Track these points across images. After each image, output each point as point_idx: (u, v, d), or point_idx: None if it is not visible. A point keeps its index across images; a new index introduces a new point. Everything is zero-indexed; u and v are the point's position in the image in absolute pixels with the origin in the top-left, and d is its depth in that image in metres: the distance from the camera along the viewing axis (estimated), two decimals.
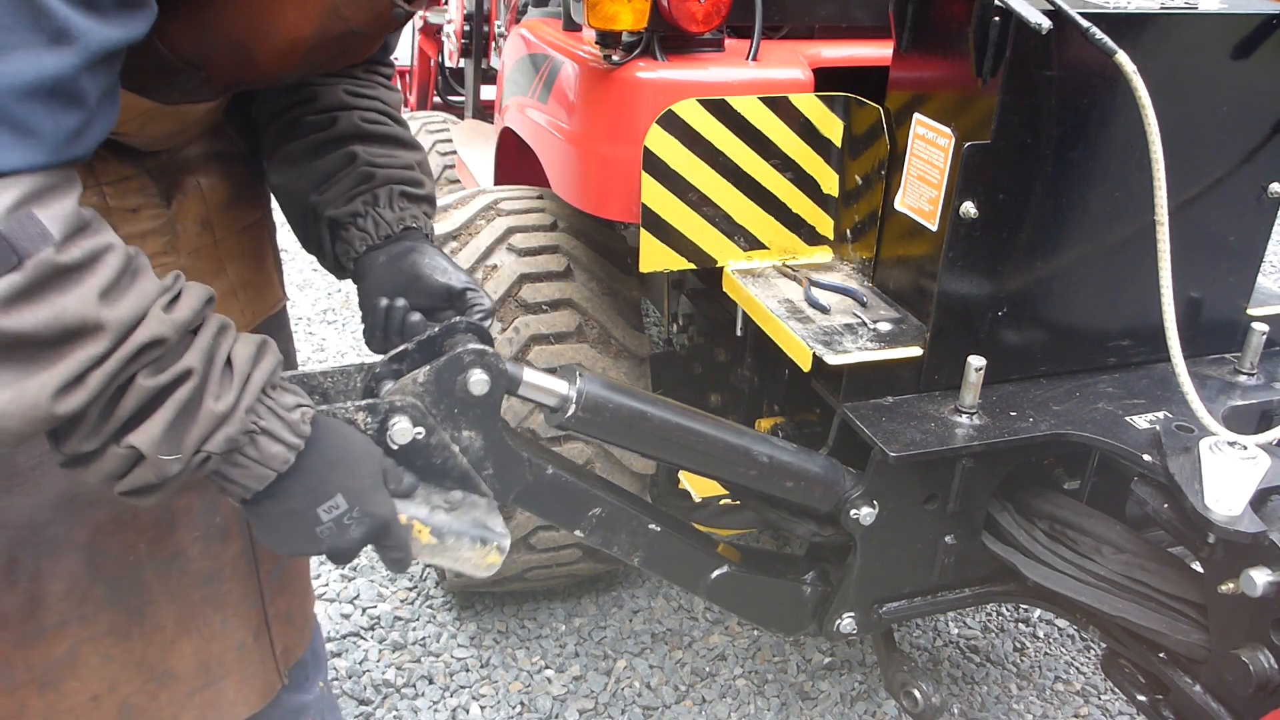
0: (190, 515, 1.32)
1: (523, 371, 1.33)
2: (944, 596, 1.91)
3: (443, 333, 1.32)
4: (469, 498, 1.27)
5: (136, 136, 1.18)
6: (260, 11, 1.03)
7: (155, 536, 1.29)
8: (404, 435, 1.21)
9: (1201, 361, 1.96)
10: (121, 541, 1.26)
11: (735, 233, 2.04)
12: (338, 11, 1.07)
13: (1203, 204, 1.83)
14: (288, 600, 1.53)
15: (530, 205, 2.41)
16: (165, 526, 1.30)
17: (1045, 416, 1.74)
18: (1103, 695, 2.53)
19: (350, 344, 3.97)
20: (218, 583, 1.38)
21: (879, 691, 2.48)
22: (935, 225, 1.73)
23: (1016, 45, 1.57)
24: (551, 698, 2.41)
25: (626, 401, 1.45)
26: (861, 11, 2.27)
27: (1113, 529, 1.74)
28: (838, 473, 1.70)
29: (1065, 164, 1.70)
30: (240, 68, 1.10)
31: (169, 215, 1.25)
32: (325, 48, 1.12)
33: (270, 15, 1.04)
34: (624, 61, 1.99)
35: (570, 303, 2.23)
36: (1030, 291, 1.80)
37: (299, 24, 1.06)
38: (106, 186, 1.17)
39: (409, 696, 2.40)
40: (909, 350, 1.77)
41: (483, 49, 4.00)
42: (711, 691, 2.46)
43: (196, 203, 1.29)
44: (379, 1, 1.11)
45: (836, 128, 2.00)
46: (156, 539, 1.29)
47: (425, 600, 2.68)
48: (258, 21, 1.04)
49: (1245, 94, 1.76)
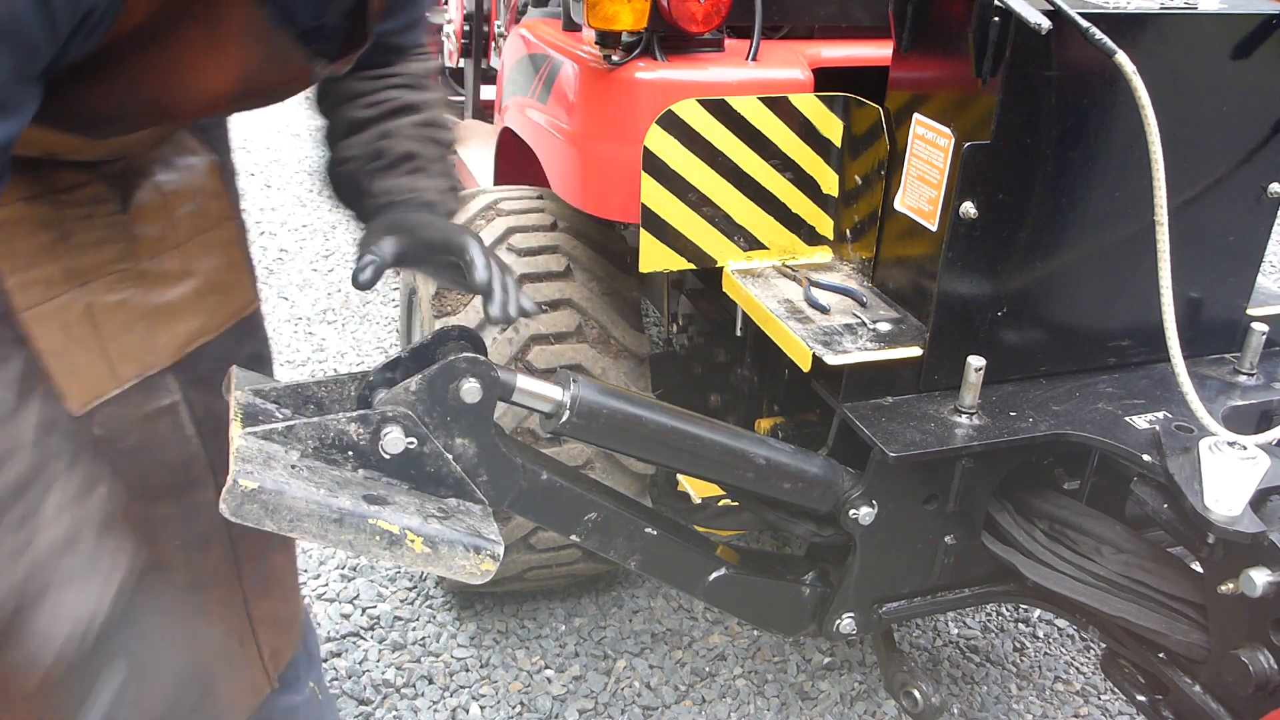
0: (170, 524, 1.32)
1: (516, 378, 1.33)
2: (944, 596, 1.91)
3: (435, 340, 1.32)
4: (463, 505, 1.27)
5: (81, 153, 1.17)
6: (176, 75, 1.03)
7: (135, 547, 1.29)
8: (396, 445, 1.22)
9: (1201, 361, 1.96)
10: None
11: (735, 233, 2.04)
12: (255, 74, 1.07)
13: (1202, 204, 1.82)
14: (273, 604, 1.52)
15: (530, 205, 2.41)
16: (146, 539, 1.29)
17: (1045, 416, 1.74)
18: (1103, 695, 2.53)
19: (350, 344, 3.98)
20: (200, 592, 1.37)
21: (879, 691, 2.48)
22: (935, 225, 1.73)
23: (1016, 45, 1.57)
24: (551, 698, 2.41)
25: (621, 406, 1.45)
26: (861, 11, 2.27)
27: (1112, 529, 1.74)
28: (836, 473, 1.70)
29: (1065, 164, 1.70)
30: (163, 118, 1.10)
31: (126, 220, 1.23)
32: (249, 101, 1.12)
33: (187, 79, 1.04)
34: (624, 62, 1.99)
35: (570, 303, 2.22)
36: (1030, 291, 1.80)
37: (216, 84, 1.06)
38: (60, 194, 1.16)
39: (409, 696, 2.40)
40: (909, 350, 1.77)
41: (482, 49, 4.00)
42: (711, 691, 2.46)
43: (156, 207, 1.28)
44: (296, 66, 1.11)
45: (836, 128, 2.00)
46: (136, 550, 1.29)
47: (425, 600, 2.68)
48: (174, 84, 1.04)
49: (1245, 94, 1.76)
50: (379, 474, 1.25)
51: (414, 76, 1.44)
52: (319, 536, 1.13)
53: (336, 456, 1.22)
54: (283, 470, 1.14)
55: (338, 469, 1.22)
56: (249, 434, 1.18)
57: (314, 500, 1.13)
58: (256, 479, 1.10)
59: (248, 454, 1.14)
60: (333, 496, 1.15)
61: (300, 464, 1.18)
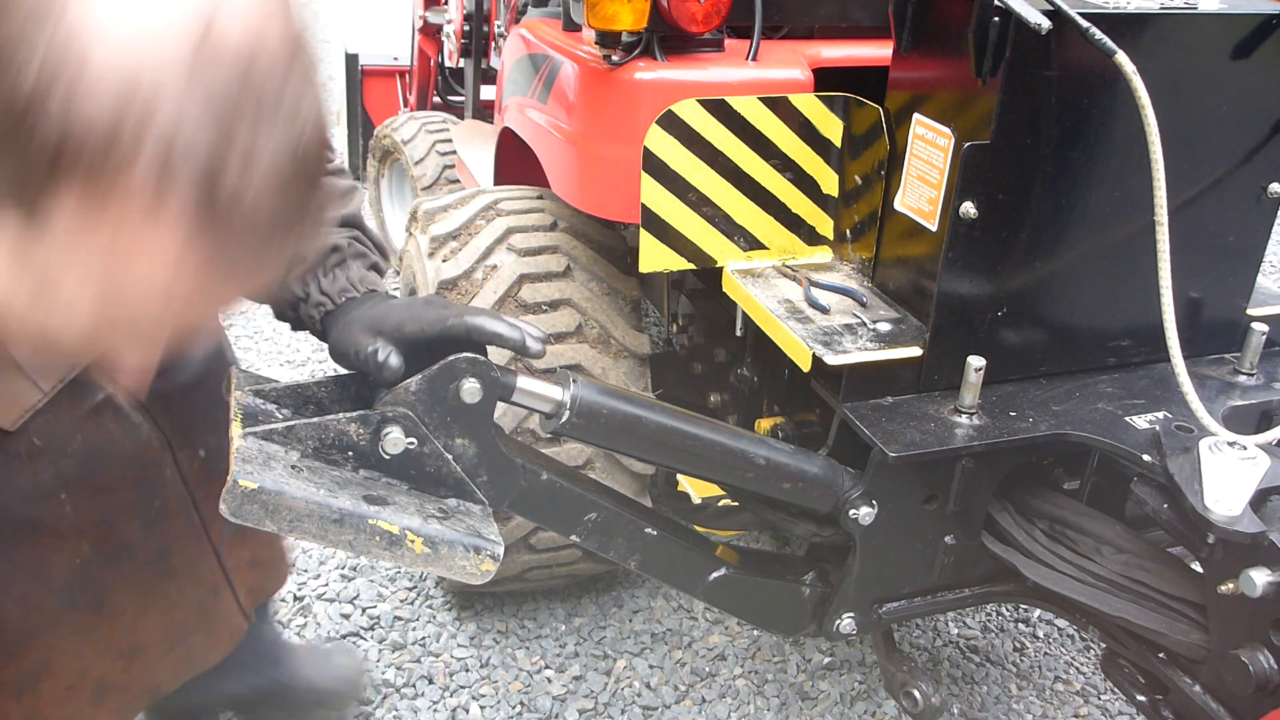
0: (129, 509, 1.33)
1: (516, 378, 1.33)
2: (944, 596, 1.91)
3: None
4: (463, 505, 1.27)
5: None
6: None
7: (99, 535, 1.30)
8: (396, 445, 1.22)
9: (1201, 361, 1.96)
10: (67, 551, 1.27)
11: (735, 233, 2.04)
12: None
13: (1202, 204, 1.82)
14: (250, 549, 1.57)
15: (530, 205, 2.41)
16: (107, 525, 1.31)
17: (1045, 416, 1.74)
18: (1103, 695, 2.53)
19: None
20: (167, 558, 1.40)
21: (879, 691, 2.48)
22: (935, 225, 1.73)
23: (1016, 45, 1.57)
24: (551, 698, 2.41)
25: (621, 406, 1.45)
26: (861, 11, 2.27)
27: (1112, 529, 1.74)
28: (836, 473, 1.70)
29: (1065, 164, 1.70)
30: None
31: None
32: None
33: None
34: (624, 62, 1.99)
35: (570, 303, 2.22)
36: (1030, 291, 1.80)
37: None
38: None
39: (409, 696, 2.40)
40: (909, 350, 1.77)
41: (482, 49, 4.00)
42: (711, 691, 2.46)
43: None
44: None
45: (836, 128, 2.00)
46: (100, 538, 1.30)
47: (425, 600, 2.68)
48: None
49: (1245, 94, 1.76)
50: (379, 474, 1.25)
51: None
52: (319, 537, 1.13)
53: (336, 457, 1.22)
54: (283, 470, 1.14)
55: (338, 469, 1.22)
56: (249, 434, 1.18)
57: (314, 500, 1.13)
58: (256, 479, 1.10)
59: (248, 454, 1.14)
60: (333, 497, 1.15)
61: (300, 464, 1.18)
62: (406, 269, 2.54)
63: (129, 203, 0.62)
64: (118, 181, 0.61)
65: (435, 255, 2.28)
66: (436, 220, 2.36)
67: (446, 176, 3.69)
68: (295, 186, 0.69)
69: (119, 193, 0.62)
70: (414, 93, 4.86)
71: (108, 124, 0.60)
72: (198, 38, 0.63)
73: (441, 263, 2.25)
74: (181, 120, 0.62)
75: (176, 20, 0.63)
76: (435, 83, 4.68)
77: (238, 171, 0.64)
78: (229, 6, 0.65)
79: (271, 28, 0.67)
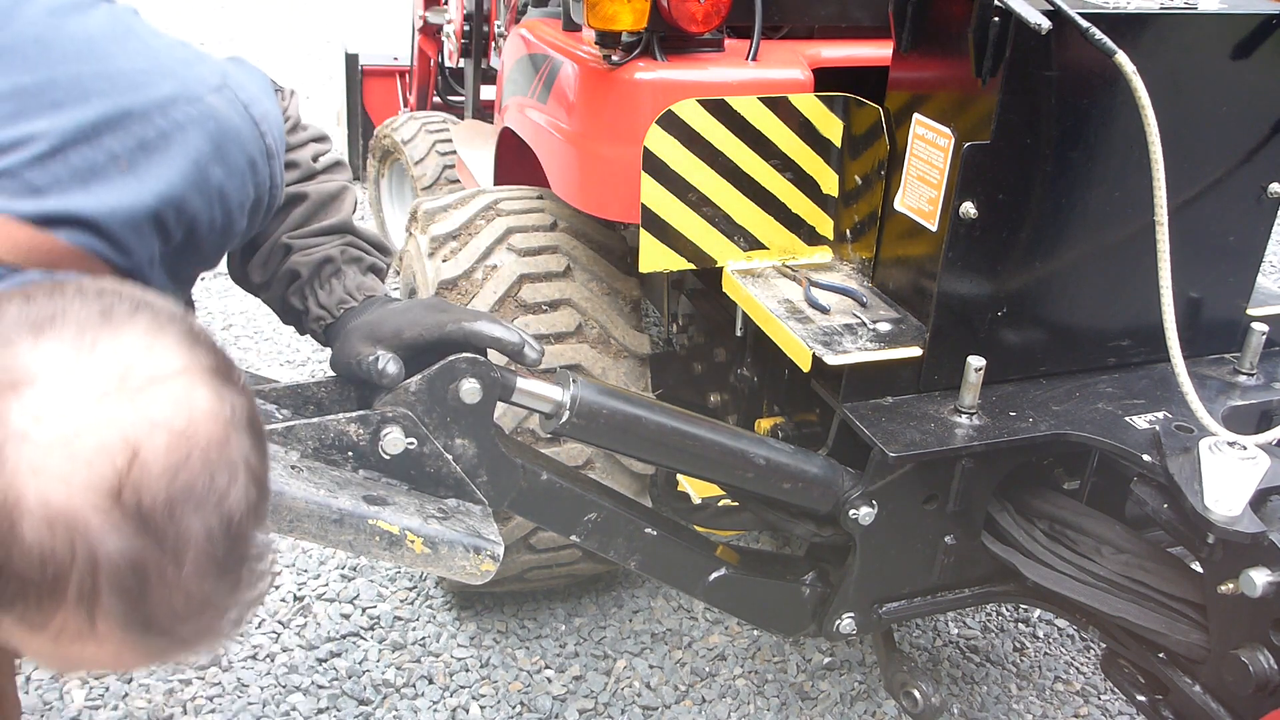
0: None
1: (515, 379, 1.33)
2: (944, 596, 1.91)
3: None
4: (462, 505, 1.27)
5: None
6: None
7: None
8: (396, 445, 1.22)
9: (1201, 361, 1.96)
10: None
11: (735, 233, 2.04)
12: None
13: (1202, 204, 1.82)
14: None
15: (530, 205, 2.41)
16: None
17: (1045, 416, 1.74)
18: (1103, 695, 2.53)
19: None
20: None
21: (879, 691, 2.48)
22: (935, 225, 1.73)
23: (1016, 45, 1.57)
24: (551, 698, 2.41)
25: (621, 406, 1.45)
26: (861, 11, 2.27)
27: (1112, 529, 1.74)
28: (836, 473, 1.70)
29: (1065, 164, 1.70)
30: None
31: None
32: None
33: None
34: (624, 62, 1.99)
35: (570, 303, 2.22)
36: (1030, 291, 1.80)
37: None
38: None
39: (409, 696, 2.40)
40: (909, 350, 1.77)
41: (483, 49, 4.00)
42: (711, 691, 2.46)
43: None
44: None
45: (836, 128, 2.00)
46: None
47: (425, 600, 2.68)
48: None
49: (1245, 94, 1.76)
50: (379, 474, 1.25)
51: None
52: (319, 537, 1.13)
53: (336, 457, 1.22)
54: (283, 471, 1.14)
55: (338, 469, 1.22)
56: None
57: (314, 501, 1.13)
58: None
59: None
60: (332, 497, 1.15)
61: (300, 464, 1.18)
62: (406, 269, 2.54)
63: (64, 624, 0.69)
64: (50, 609, 0.68)
65: (435, 255, 2.28)
66: (436, 220, 2.36)
67: (446, 176, 3.69)
68: (230, 561, 0.75)
69: (54, 619, 0.69)
70: (414, 93, 4.86)
71: (36, 562, 0.66)
72: (124, 467, 0.68)
73: (441, 263, 2.25)
74: (106, 553, 0.68)
75: (101, 455, 0.68)
76: (435, 83, 4.68)
77: (169, 575, 0.70)
78: (156, 425, 0.70)
79: (200, 428, 0.72)
